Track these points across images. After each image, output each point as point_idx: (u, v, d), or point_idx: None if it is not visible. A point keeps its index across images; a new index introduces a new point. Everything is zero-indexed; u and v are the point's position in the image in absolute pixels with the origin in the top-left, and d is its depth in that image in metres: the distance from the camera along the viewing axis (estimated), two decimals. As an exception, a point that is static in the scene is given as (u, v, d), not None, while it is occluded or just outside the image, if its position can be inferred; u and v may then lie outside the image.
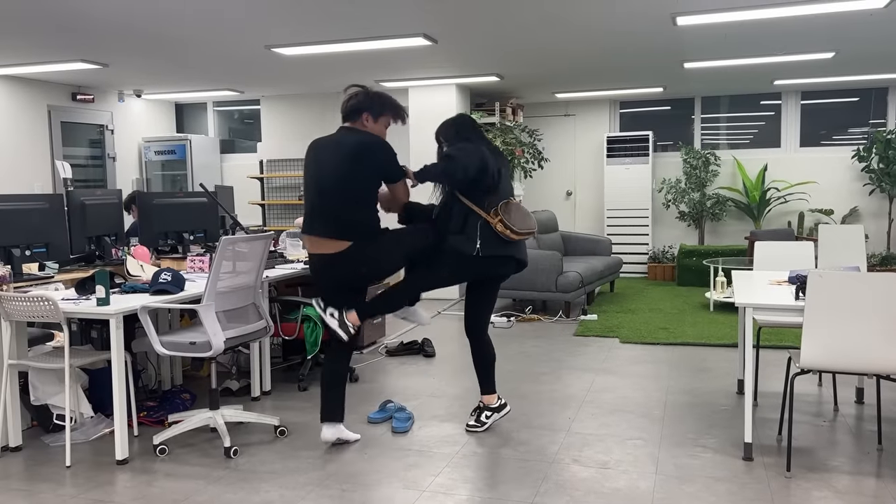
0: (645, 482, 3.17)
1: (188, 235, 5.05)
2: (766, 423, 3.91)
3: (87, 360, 3.69)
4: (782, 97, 9.27)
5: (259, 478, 3.28)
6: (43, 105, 7.85)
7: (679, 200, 9.35)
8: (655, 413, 4.12)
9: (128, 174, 9.06)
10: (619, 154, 9.44)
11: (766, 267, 4.57)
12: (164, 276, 3.74)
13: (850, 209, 8.95)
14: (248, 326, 3.72)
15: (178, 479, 3.26)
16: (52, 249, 4.10)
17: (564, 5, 4.79)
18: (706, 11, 4.90)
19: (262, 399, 4.51)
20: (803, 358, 3.20)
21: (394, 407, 4.10)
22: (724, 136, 9.64)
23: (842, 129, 9.22)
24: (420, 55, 6.48)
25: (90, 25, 5.20)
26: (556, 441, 3.69)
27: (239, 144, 10.03)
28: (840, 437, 3.73)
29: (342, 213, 3.45)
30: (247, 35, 5.62)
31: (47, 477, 3.31)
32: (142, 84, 8.29)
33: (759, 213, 9.06)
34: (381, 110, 3.66)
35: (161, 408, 4.21)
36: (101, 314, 3.36)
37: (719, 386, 4.64)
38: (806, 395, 4.43)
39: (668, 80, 8.12)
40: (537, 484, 3.17)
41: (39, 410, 3.84)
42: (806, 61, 6.93)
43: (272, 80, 8.01)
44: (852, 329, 3.09)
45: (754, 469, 3.30)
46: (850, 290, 3.07)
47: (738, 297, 3.47)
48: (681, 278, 8.75)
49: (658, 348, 5.73)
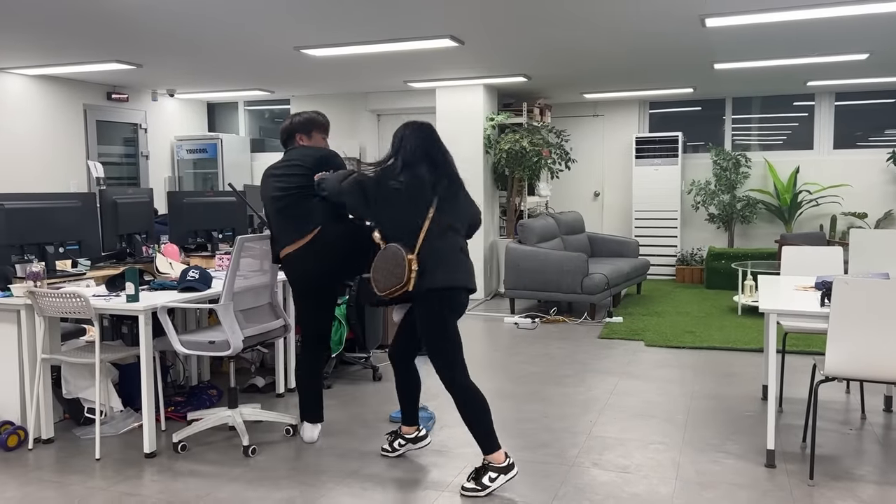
0: (665, 487, 3.16)
1: (217, 234, 5.14)
2: (790, 430, 3.87)
3: (117, 356, 3.78)
4: (815, 98, 9.12)
5: (279, 475, 3.33)
6: (79, 104, 8.03)
7: (708, 202, 9.26)
8: (678, 418, 4.10)
9: (160, 172, 9.22)
10: (648, 155, 9.37)
11: (794, 272, 4.51)
12: (192, 273, 3.81)
13: (884, 213, 8.77)
14: (267, 325, 3.77)
15: (201, 477, 3.33)
16: (85, 247, 4.20)
17: (591, 6, 4.78)
18: (735, 13, 4.85)
19: (286, 395, 4.57)
20: (828, 365, 3.16)
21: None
22: (756, 138, 9.51)
23: (877, 130, 9.04)
24: (447, 56, 6.50)
25: (126, 27, 5.31)
26: (577, 444, 3.69)
27: (269, 144, 10.15)
28: (867, 446, 3.68)
29: None
30: (277, 36, 5.70)
31: (77, 469, 3.40)
32: (175, 84, 8.44)
33: (790, 216, 8.92)
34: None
35: (188, 403, 4.29)
36: (130, 310, 3.44)
37: (744, 391, 4.60)
38: (833, 402, 4.37)
39: (698, 80, 8.04)
40: (556, 487, 3.18)
41: (71, 404, 3.94)
42: (839, 62, 6.82)
43: (302, 80, 8.09)
44: (878, 337, 3.05)
45: (777, 476, 3.27)
46: (876, 298, 3.03)
47: (763, 302, 3.44)
48: (709, 281, 8.67)
49: (684, 352, 5.69)
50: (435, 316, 3.13)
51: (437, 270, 3.09)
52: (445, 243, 3.15)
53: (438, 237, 3.13)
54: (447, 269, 3.11)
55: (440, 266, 3.10)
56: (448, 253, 3.15)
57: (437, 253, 3.11)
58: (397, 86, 8.54)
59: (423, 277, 3.07)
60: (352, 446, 3.69)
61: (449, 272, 3.11)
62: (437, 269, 3.09)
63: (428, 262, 3.08)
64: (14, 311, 3.68)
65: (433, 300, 3.11)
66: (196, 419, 3.82)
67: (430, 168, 3.21)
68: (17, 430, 3.66)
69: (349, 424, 4.04)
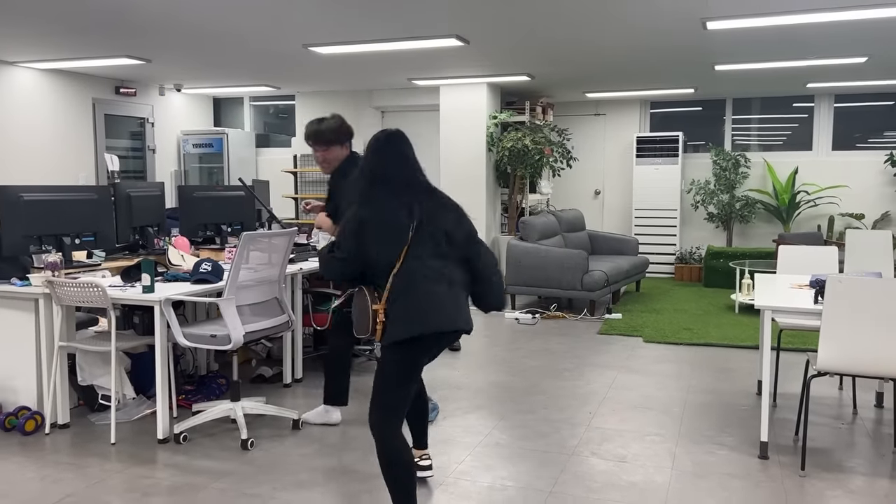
0: (661, 476, 3.28)
1: (226, 227, 5.25)
2: (784, 424, 3.99)
3: (131, 344, 3.90)
4: (815, 100, 9.23)
5: (283, 468, 3.45)
6: (88, 98, 8.14)
7: (708, 202, 9.37)
8: (675, 411, 4.21)
9: (166, 166, 9.33)
10: (649, 154, 9.47)
11: (790, 271, 4.62)
12: (205, 266, 3.92)
13: (881, 214, 8.89)
14: (271, 321, 3.84)
15: (214, 459, 3.45)
16: (100, 238, 4.32)
17: (595, 9, 4.88)
18: (735, 17, 4.96)
19: (293, 386, 4.69)
20: (820, 360, 3.27)
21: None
22: (755, 138, 9.62)
23: (875, 132, 9.15)
24: (452, 55, 6.61)
25: (136, 23, 5.42)
26: (576, 435, 3.81)
27: (274, 139, 10.26)
28: (857, 440, 3.80)
29: None
30: (286, 34, 5.80)
31: (94, 452, 3.52)
32: (182, 79, 8.54)
33: (788, 216, 9.04)
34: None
35: (198, 391, 4.41)
36: (146, 301, 3.55)
37: (740, 387, 4.71)
38: (826, 398, 4.49)
39: (699, 81, 8.15)
40: (556, 475, 3.30)
41: (86, 390, 4.06)
42: (838, 65, 6.93)
43: (308, 76, 8.20)
44: (868, 333, 3.16)
45: (769, 467, 3.39)
46: (867, 296, 3.14)
47: (758, 299, 3.55)
48: (707, 280, 8.79)
49: (681, 348, 5.80)
50: (394, 366, 2.63)
51: (405, 318, 2.57)
52: (421, 281, 2.60)
53: (414, 273, 2.61)
54: (418, 314, 2.57)
55: (411, 312, 2.57)
56: (423, 293, 2.59)
57: (409, 296, 2.58)
58: (401, 83, 8.64)
59: (390, 328, 2.58)
60: (356, 436, 3.81)
61: (420, 317, 2.57)
62: (405, 316, 2.57)
63: (397, 308, 2.58)
64: (32, 299, 3.79)
65: (397, 351, 2.62)
66: (199, 410, 3.92)
67: (398, 192, 2.70)
68: (34, 416, 3.77)
69: (351, 416, 4.15)
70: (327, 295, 4.97)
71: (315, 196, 9.54)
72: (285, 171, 9.59)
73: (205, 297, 3.67)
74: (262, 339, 3.99)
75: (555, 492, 3.11)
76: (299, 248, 5.08)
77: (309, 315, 4.93)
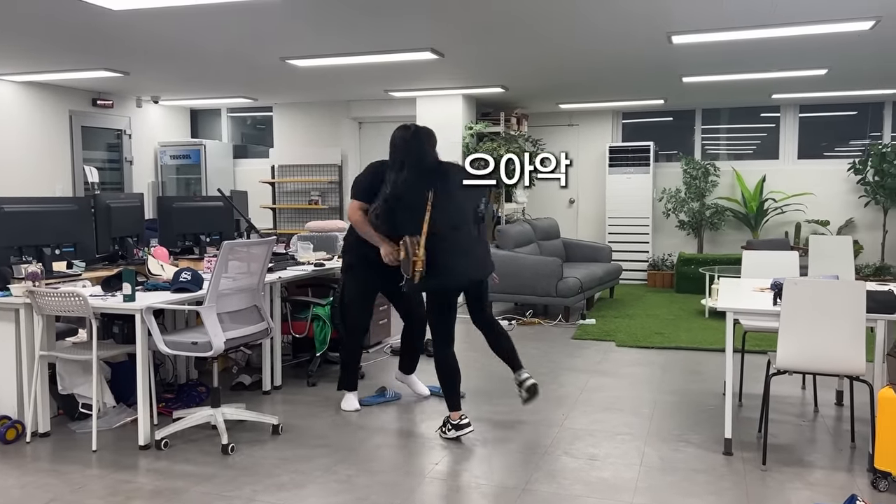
0: (629, 472, 3.41)
1: (205, 237, 5.32)
2: (749, 422, 4.14)
3: (111, 353, 3.96)
4: (781, 110, 9.50)
5: (259, 471, 3.53)
6: (65, 110, 8.15)
7: (679, 210, 9.58)
8: (645, 411, 4.35)
9: (144, 178, 9.35)
10: (621, 164, 9.67)
11: (754, 275, 4.78)
12: (185, 275, 4.00)
13: (845, 220, 9.15)
14: (250, 328, 3.92)
15: (196, 464, 3.52)
16: (80, 249, 4.37)
17: (565, 25, 5.04)
18: (699, 31, 5.15)
19: (272, 393, 4.76)
20: (779, 359, 3.43)
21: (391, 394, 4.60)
22: (724, 148, 9.87)
23: (840, 141, 9.44)
24: (428, 68, 6.74)
25: (114, 37, 5.48)
26: (550, 435, 3.93)
27: (251, 150, 10.32)
28: (818, 436, 3.96)
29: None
30: (263, 48, 5.90)
31: (75, 460, 3.57)
32: (160, 91, 8.59)
33: (756, 223, 9.27)
34: None
35: (178, 399, 4.47)
36: (128, 309, 3.62)
37: (708, 388, 4.87)
38: (790, 397, 4.66)
39: (668, 93, 8.36)
40: (530, 472, 3.41)
41: (66, 399, 4.10)
42: (801, 77, 7.16)
43: (286, 88, 8.29)
44: (822, 333, 3.33)
45: (733, 463, 3.54)
46: (820, 297, 3.31)
47: (722, 301, 3.71)
48: (679, 286, 8.98)
49: (652, 352, 5.96)
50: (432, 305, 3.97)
51: (433, 274, 3.71)
52: (445, 245, 3.73)
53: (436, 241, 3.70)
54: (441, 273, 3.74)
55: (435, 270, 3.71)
56: (442, 256, 3.73)
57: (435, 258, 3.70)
58: (379, 95, 8.76)
59: (423, 281, 3.72)
60: (335, 438, 3.90)
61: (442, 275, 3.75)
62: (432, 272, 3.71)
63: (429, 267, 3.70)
64: (12, 309, 3.84)
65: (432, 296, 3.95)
66: (180, 417, 3.97)
67: (419, 173, 3.79)
68: (14, 424, 3.81)
69: (333, 421, 4.24)
70: (306, 303, 5.05)
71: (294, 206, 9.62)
72: (263, 182, 9.66)
73: (186, 305, 3.74)
74: (241, 346, 4.07)
75: (528, 489, 3.22)
76: (278, 257, 5.16)
77: (288, 323, 5.01)
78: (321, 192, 9.56)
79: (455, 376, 3.92)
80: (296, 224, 9.61)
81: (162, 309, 4.00)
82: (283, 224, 9.75)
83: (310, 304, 5.03)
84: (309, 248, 5.72)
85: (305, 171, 9.54)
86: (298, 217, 9.65)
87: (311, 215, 9.46)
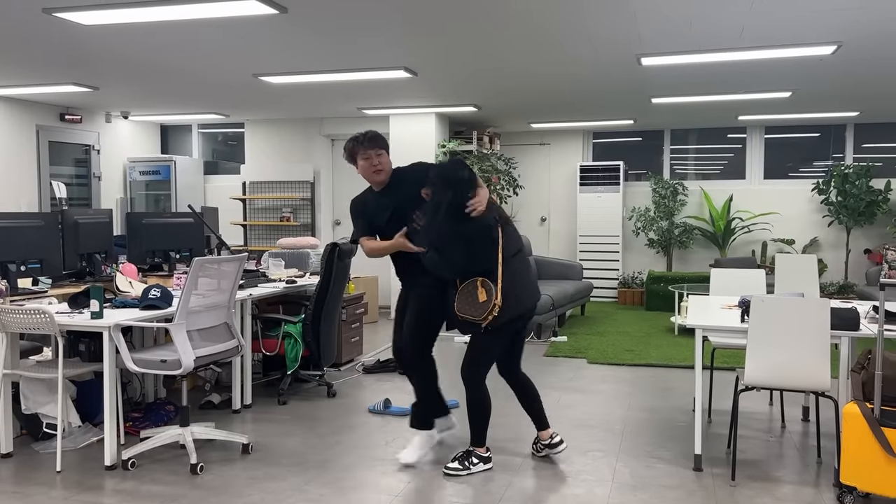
0: (601, 489, 3.42)
1: (174, 254, 5.26)
2: (718, 438, 4.19)
3: (77, 371, 3.88)
4: (747, 131, 9.72)
5: (233, 490, 3.48)
6: (32, 125, 8.04)
7: (648, 228, 9.71)
8: (616, 428, 4.38)
9: (112, 193, 9.23)
10: (592, 182, 9.80)
11: (722, 293, 4.87)
12: (154, 292, 3.95)
13: (810, 239, 9.36)
14: (221, 346, 3.87)
15: (164, 484, 3.46)
16: (46, 265, 4.30)
17: (537, 47, 5.12)
18: (668, 54, 5.26)
19: (242, 412, 4.70)
20: (747, 375, 3.48)
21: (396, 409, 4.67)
22: (692, 168, 10.05)
23: (804, 162, 9.67)
24: (401, 86, 6.78)
25: (83, 53, 5.43)
26: (522, 453, 3.94)
27: (222, 166, 10.25)
28: (785, 451, 4.02)
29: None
30: (235, 65, 5.89)
31: (39, 481, 3.49)
32: (129, 106, 8.51)
33: (724, 241, 9.44)
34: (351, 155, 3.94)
35: (146, 418, 4.39)
36: (95, 326, 3.56)
37: (678, 404, 4.92)
38: (758, 413, 4.72)
39: (638, 113, 8.50)
40: (502, 490, 3.41)
41: (29, 419, 4.01)
42: (765, 99, 7.34)
43: (258, 105, 8.27)
44: (789, 349, 3.39)
45: (703, 478, 3.57)
46: (786, 315, 3.37)
47: (691, 318, 3.76)
48: (649, 303, 9.08)
49: (623, 369, 6.01)
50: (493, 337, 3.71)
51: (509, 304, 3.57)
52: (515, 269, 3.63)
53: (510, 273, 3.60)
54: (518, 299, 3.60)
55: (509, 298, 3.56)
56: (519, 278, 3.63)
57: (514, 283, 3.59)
58: (352, 112, 8.78)
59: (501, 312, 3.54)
60: (307, 457, 3.86)
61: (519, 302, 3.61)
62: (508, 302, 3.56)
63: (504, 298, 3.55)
64: (-25, 327, 3.75)
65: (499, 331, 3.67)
66: (148, 436, 3.91)
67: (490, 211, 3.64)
68: (-25, 445, 3.71)
69: (304, 440, 4.20)
70: (277, 321, 5.02)
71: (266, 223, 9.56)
72: (234, 198, 9.59)
73: (155, 323, 3.69)
74: (211, 364, 4.02)
75: (500, 507, 3.22)
76: (249, 273, 5.13)
77: (258, 341, 4.96)
78: (293, 208, 9.52)
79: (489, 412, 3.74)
80: (267, 241, 9.55)
81: (130, 326, 3.94)
82: (254, 241, 9.69)
83: (281, 322, 4.99)
84: (280, 264, 5.69)
85: (277, 188, 9.50)
86: (270, 234, 9.60)
87: (282, 232, 9.42)
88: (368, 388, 5.38)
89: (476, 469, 3.65)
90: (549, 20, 4.49)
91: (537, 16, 4.40)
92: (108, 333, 3.56)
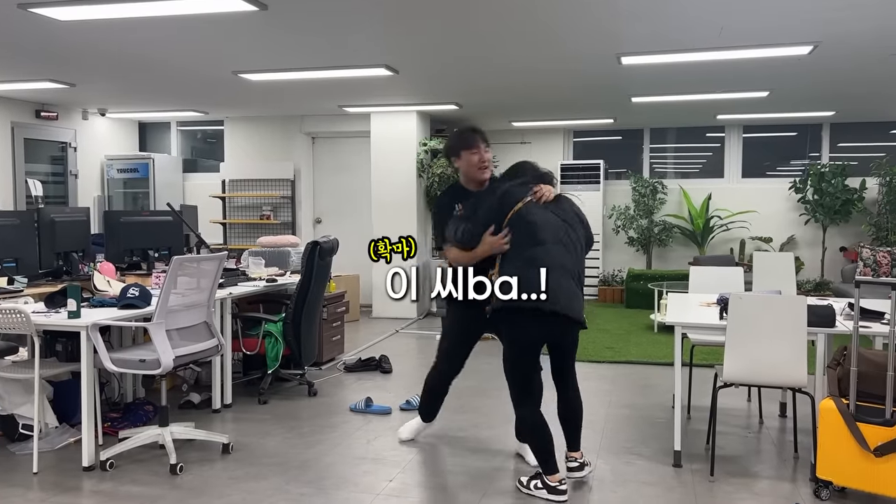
0: (582, 486, 3.44)
1: (153, 252, 5.21)
2: (697, 435, 4.22)
3: (54, 372, 3.84)
4: (725, 130, 9.80)
5: (213, 491, 3.46)
6: (7, 122, 7.91)
7: (628, 226, 9.77)
8: (596, 425, 4.41)
9: (90, 191, 9.11)
10: (573, 181, 9.83)
11: (701, 290, 4.91)
12: (133, 291, 3.91)
13: (787, 237, 9.46)
14: (200, 345, 3.84)
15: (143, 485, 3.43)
16: (22, 264, 4.24)
17: (517, 46, 5.13)
18: (647, 53, 5.30)
19: (222, 412, 4.67)
20: (725, 372, 3.52)
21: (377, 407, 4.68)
22: (672, 166, 10.13)
23: (782, 161, 9.78)
24: (382, 84, 6.76)
25: (60, 49, 5.36)
26: (503, 451, 3.95)
27: (201, 164, 10.17)
28: (763, 447, 4.07)
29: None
30: (215, 62, 5.84)
31: (15, 482, 3.44)
32: (107, 103, 8.41)
33: (703, 239, 9.52)
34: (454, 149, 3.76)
35: (125, 419, 4.35)
36: (72, 326, 3.52)
37: (658, 401, 4.95)
38: (736, 409, 4.77)
39: (618, 112, 8.55)
40: (483, 487, 3.42)
41: (5, 420, 3.95)
42: (743, 99, 7.41)
43: (238, 102, 8.21)
44: (766, 346, 3.43)
45: (682, 474, 3.60)
46: (763, 312, 3.42)
47: (670, 316, 3.79)
48: (629, 301, 9.14)
49: (603, 366, 6.04)
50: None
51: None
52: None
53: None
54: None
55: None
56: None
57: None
58: (332, 110, 8.74)
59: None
60: (287, 458, 3.84)
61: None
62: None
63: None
64: (-51, 327, 3.69)
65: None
66: (126, 437, 3.86)
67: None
68: (-51, 447, 3.66)
69: (285, 439, 4.18)
70: (257, 319, 4.98)
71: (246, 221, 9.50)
72: (213, 197, 9.51)
73: (134, 322, 3.65)
74: (191, 363, 3.99)
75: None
76: (228, 272, 5.09)
77: (238, 340, 4.93)
78: (273, 206, 9.46)
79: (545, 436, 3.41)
80: (247, 239, 9.47)
81: (108, 326, 3.90)
82: (234, 239, 9.61)
83: (261, 321, 4.96)
84: (260, 263, 5.66)
85: (257, 186, 9.43)
86: (250, 232, 9.53)
87: (262, 230, 9.35)
88: (349, 387, 5.37)
89: (536, 494, 3.31)
90: (529, 20, 4.50)
91: (518, 15, 4.41)
92: (85, 333, 3.52)
